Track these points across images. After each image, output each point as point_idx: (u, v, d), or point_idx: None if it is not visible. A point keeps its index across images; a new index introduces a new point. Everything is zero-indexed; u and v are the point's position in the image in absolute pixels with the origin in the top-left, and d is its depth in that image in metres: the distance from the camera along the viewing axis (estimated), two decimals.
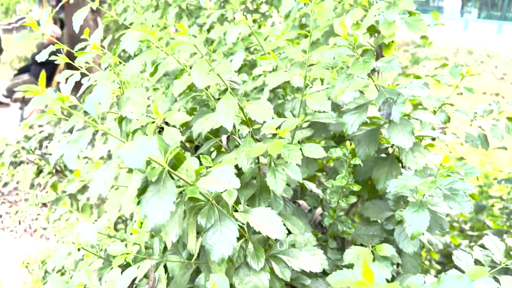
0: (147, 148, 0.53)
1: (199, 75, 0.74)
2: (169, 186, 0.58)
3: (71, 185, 2.10)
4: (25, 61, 11.33)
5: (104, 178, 0.57)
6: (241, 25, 1.11)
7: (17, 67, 10.61)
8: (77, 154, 0.51)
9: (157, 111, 0.72)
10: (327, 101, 0.91)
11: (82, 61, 0.96)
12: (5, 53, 11.06)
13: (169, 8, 3.02)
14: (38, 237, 4.42)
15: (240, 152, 0.87)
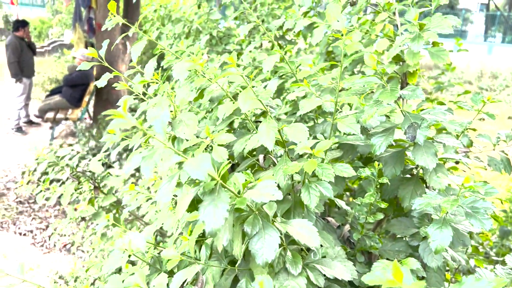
0: (208, 163, 0.63)
1: (245, 101, 0.84)
2: (223, 196, 0.68)
3: (107, 200, 2.22)
4: (56, 82, 11.79)
5: (169, 189, 0.66)
6: (276, 55, 1.22)
7: (49, 88, 11.04)
8: (152, 167, 0.62)
9: (209, 132, 0.82)
10: (356, 125, 1.00)
11: (139, 87, 1.08)
12: (38, 74, 11.54)
13: (200, 35, 3.19)
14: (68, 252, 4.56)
15: (277, 170, 0.96)
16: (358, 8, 1.57)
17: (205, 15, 3.21)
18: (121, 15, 7.96)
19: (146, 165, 0.62)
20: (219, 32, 3.35)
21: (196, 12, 3.58)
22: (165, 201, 0.65)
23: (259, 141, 0.88)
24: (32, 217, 5.30)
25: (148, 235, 1.11)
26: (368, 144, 1.13)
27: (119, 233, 1.34)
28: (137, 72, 1.32)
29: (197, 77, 1.13)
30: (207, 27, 3.49)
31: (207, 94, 1.04)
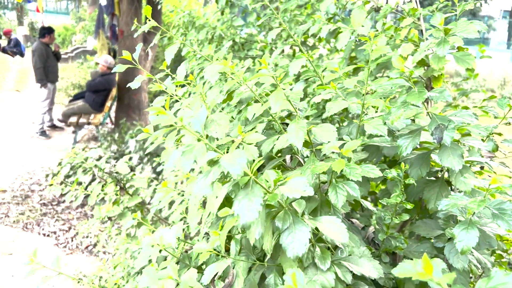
0: (244, 158, 0.67)
1: (276, 101, 0.87)
2: (256, 190, 0.71)
3: (133, 201, 2.27)
4: (79, 88, 12.06)
5: (206, 183, 0.70)
6: (303, 59, 1.25)
7: (72, 93, 11.30)
8: (191, 162, 0.65)
9: (241, 131, 0.85)
10: (383, 126, 1.02)
11: (173, 88, 1.13)
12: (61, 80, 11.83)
13: (223, 41, 3.24)
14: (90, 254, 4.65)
15: (305, 169, 0.98)
16: (383, 14, 1.59)
17: (228, 21, 3.27)
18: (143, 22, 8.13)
19: (185, 160, 0.65)
20: (241, 38, 3.40)
21: (218, 19, 3.64)
22: (202, 194, 0.68)
23: (288, 141, 0.91)
24: (56, 219, 5.42)
25: (178, 231, 1.14)
26: (394, 146, 1.15)
27: (147, 232, 1.39)
28: (167, 75, 1.36)
29: (226, 80, 1.17)
30: (230, 33, 3.55)
31: (237, 96, 1.08)
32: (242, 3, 3.28)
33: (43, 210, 5.59)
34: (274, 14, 1.49)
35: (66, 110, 8.07)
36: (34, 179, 6.46)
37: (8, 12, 23.08)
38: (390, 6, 1.57)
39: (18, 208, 5.50)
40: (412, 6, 1.60)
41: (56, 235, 5.09)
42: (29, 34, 20.00)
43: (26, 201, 5.75)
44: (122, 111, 8.11)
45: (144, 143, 6.44)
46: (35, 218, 5.34)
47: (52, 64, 8.22)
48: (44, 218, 5.39)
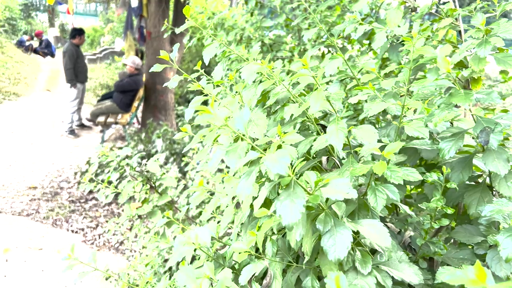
0: (287, 158, 0.66)
1: (316, 102, 0.86)
2: (299, 191, 0.70)
3: (163, 200, 2.29)
4: (106, 88, 12.30)
5: (249, 183, 0.69)
6: (339, 59, 1.24)
7: (100, 93, 11.55)
8: (237, 160, 0.65)
9: (281, 132, 0.84)
10: (425, 128, 0.99)
11: (211, 88, 1.13)
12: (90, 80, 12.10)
13: (252, 42, 3.25)
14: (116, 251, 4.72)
15: (343, 171, 0.97)
16: (420, 14, 1.56)
17: (257, 22, 3.27)
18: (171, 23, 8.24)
19: (231, 158, 0.65)
20: (269, 39, 3.39)
21: (247, 20, 3.65)
22: (246, 194, 0.68)
23: (328, 142, 0.89)
24: (84, 216, 5.54)
25: (212, 230, 1.14)
26: (433, 149, 1.12)
27: (178, 230, 1.39)
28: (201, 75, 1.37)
29: (261, 80, 1.16)
30: (258, 34, 3.55)
31: (273, 96, 1.07)
32: (271, 4, 3.28)
33: (71, 207, 5.72)
34: (305, 15, 1.48)
35: (94, 110, 8.25)
36: (63, 176, 6.62)
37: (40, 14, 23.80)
38: (427, 6, 1.54)
39: (48, 205, 5.65)
40: (450, 7, 1.56)
41: (84, 232, 5.20)
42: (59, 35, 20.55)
43: (55, 198, 5.90)
44: (149, 111, 8.23)
45: (170, 143, 6.52)
46: (64, 214, 5.47)
47: (81, 65, 8.41)
48: (72, 215, 5.52)
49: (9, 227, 4.86)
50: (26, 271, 4.04)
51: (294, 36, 3.72)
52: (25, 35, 17.65)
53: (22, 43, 16.53)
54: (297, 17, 3.40)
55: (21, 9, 20.40)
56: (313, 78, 0.88)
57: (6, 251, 4.36)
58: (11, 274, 3.96)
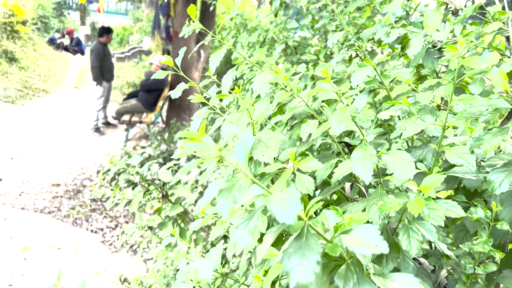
0: (297, 202, 0.51)
1: (339, 122, 0.71)
2: (313, 243, 0.55)
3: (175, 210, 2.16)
4: (133, 87, 12.39)
5: (248, 231, 0.54)
6: (368, 67, 1.07)
7: (126, 92, 11.64)
8: (231, 205, 0.50)
9: (294, 158, 0.69)
10: (471, 156, 0.82)
11: (216, 101, 0.99)
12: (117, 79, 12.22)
13: (275, 44, 3.10)
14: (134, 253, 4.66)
15: (371, 205, 0.81)
16: (462, 17, 1.38)
17: (282, 24, 3.11)
18: None
19: (223, 201, 0.51)
20: (294, 41, 3.23)
21: (271, 21, 3.50)
22: (244, 245, 0.53)
23: (353, 170, 0.74)
24: (104, 216, 5.52)
25: (215, 261, 1.00)
26: (478, 179, 0.95)
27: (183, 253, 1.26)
28: (213, 82, 1.23)
29: (278, 91, 1.01)
30: (282, 36, 3.40)
31: (289, 111, 0.92)
32: (297, 4, 3.11)
33: (92, 206, 5.71)
34: (332, 16, 1.31)
35: (119, 108, 8.28)
36: (86, 174, 6.64)
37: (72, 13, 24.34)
38: (471, 8, 1.35)
39: (69, 203, 5.66)
40: (498, 9, 1.37)
41: (103, 232, 5.17)
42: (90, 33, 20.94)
43: (77, 196, 5.91)
44: (173, 111, 8.19)
45: None
46: (84, 213, 5.46)
47: (108, 63, 8.45)
48: (93, 214, 5.50)
49: (30, 225, 4.87)
50: (43, 270, 4.02)
51: (320, 38, 3.54)
52: (57, 33, 18.04)
53: (54, 40, 16.90)
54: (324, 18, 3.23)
55: (54, 7, 20.89)
56: (337, 94, 0.72)
57: (26, 249, 4.36)
58: (28, 273, 3.95)
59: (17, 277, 3.83)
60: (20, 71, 11.97)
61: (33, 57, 13.39)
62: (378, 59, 1.13)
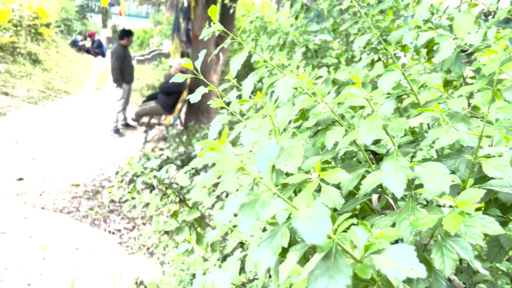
0: (327, 220, 0.46)
1: (370, 132, 0.66)
2: (342, 264, 0.50)
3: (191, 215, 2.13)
4: (153, 89, 12.49)
5: (272, 250, 0.50)
6: (397, 72, 1.02)
7: (146, 94, 11.74)
8: (254, 222, 0.46)
9: (320, 169, 0.65)
10: (510, 168, 0.76)
11: (237, 106, 0.95)
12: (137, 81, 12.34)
13: (296, 47, 3.05)
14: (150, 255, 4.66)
15: (401, 220, 0.75)
16: (495, 20, 1.31)
17: (302, 26, 3.06)
18: None
19: (245, 217, 0.46)
20: (314, 44, 3.18)
21: (291, 24, 3.46)
22: (266, 266, 0.49)
23: (384, 183, 0.69)
24: (121, 217, 5.54)
25: (233, 272, 0.96)
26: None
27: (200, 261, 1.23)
28: (233, 86, 1.19)
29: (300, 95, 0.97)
30: (302, 39, 3.35)
31: (313, 117, 0.87)
32: (318, 7, 3.06)
33: (110, 207, 5.74)
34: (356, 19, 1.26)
35: (139, 110, 8.34)
36: (105, 175, 6.69)
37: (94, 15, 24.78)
38: (506, 10, 1.28)
39: (88, 203, 5.70)
40: None
41: (121, 233, 5.19)
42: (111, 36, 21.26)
43: (96, 197, 5.95)
44: (192, 113, 8.22)
45: None
46: (102, 214, 5.49)
47: (128, 66, 8.53)
48: (111, 215, 5.53)
49: (49, 224, 4.92)
50: (61, 271, 4.04)
51: (341, 42, 3.48)
52: (79, 35, 18.36)
53: (76, 43, 17.20)
54: (345, 21, 3.16)
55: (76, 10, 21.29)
56: (367, 100, 0.67)
57: (45, 249, 4.40)
58: (46, 273, 3.98)
59: (36, 276, 3.86)
60: (43, 72, 12.20)
61: (56, 59, 13.64)
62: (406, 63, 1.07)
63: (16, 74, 11.06)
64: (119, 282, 3.77)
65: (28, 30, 13.03)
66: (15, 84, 10.49)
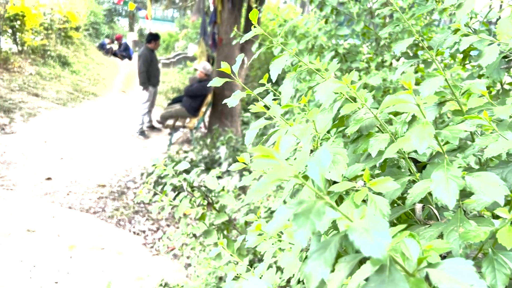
0: (386, 234, 0.44)
1: (421, 140, 0.63)
2: (397, 278, 0.48)
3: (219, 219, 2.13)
4: (178, 92, 12.63)
5: (325, 262, 0.48)
6: (440, 78, 0.98)
7: (171, 97, 11.88)
8: (310, 232, 0.44)
9: (368, 177, 0.63)
10: None
11: (278, 111, 0.93)
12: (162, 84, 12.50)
13: (324, 51, 3.02)
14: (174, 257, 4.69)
15: (449, 231, 0.72)
16: None
17: (332, 30, 3.04)
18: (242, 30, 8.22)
19: (300, 227, 0.45)
20: (344, 49, 3.14)
21: (320, 28, 3.43)
22: (319, 278, 0.47)
23: (434, 193, 0.66)
24: (146, 218, 5.60)
25: (269, 281, 0.94)
26: None
27: (232, 266, 1.22)
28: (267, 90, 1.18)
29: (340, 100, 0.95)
30: (331, 43, 3.32)
31: (354, 123, 0.85)
32: (348, 11, 3.03)
33: (135, 208, 5.80)
34: (397, 23, 1.23)
35: (164, 113, 8.44)
36: (130, 176, 6.78)
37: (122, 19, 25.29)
38: None
39: (113, 204, 5.78)
40: None
41: (145, 234, 5.24)
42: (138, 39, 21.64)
43: (121, 198, 6.03)
44: (216, 117, 8.26)
45: (234, 151, 6.44)
46: (127, 215, 5.56)
47: (155, 69, 8.64)
48: (136, 216, 5.59)
49: (76, 224, 5.02)
50: (87, 270, 4.11)
51: (370, 46, 3.43)
52: (107, 39, 18.76)
53: (103, 46, 17.58)
54: (376, 25, 3.12)
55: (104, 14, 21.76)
56: (419, 107, 0.65)
57: (72, 248, 4.48)
58: (73, 272, 4.05)
59: (63, 274, 3.93)
60: (72, 74, 12.50)
61: (84, 62, 13.96)
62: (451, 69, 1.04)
63: (46, 76, 11.37)
64: (145, 284, 3.80)
65: (58, 33, 13.39)
66: (45, 86, 10.78)
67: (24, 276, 3.75)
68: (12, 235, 4.36)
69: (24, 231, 4.51)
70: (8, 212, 4.83)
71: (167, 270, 4.27)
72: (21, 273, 3.77)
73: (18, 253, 4.06)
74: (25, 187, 5.80)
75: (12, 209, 4.97)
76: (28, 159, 6.74)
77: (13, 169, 6.29)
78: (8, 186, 5.75)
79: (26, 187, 5.80)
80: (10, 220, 4.65)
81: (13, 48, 11.27)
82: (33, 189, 5.77)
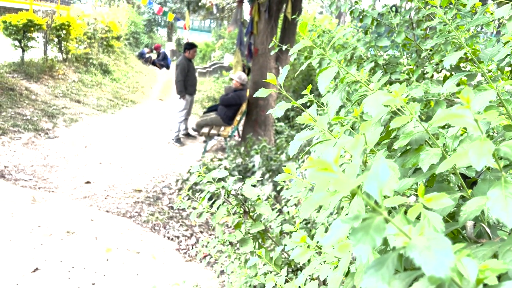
0: (449, 252, 0.43)
1: (480, 156, 0.62)
2: None
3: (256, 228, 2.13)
4: (213, 101, 12.80)
5: (382, 277, 0.48)
6: (491, 91, 0.96)
7: (207, 106, 12.06)
8: (370, 248, 0.44)
9: (423, 192, 0.62)
10: None
11: (325, 122, 0.93)
12: (198, 92, 12.71)
13: (364, 62, 2.99)
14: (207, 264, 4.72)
15: (505, 251, 0.70)
16: None
17: (372, 41, 3.00)
18: (278, 41, 8.27)
19: (359, 242, 0.44)
20: (383, 60, 3.10)
21: (359, 39, 3.40)
22: None
23: (491, 212, 0.64)
24: (180, 224, 5.67)
25: None
26: None
27: (272, 276, 1.21)
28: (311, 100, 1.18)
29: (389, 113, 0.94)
30: (370, 54, 3.28)
31: (404, 137, 0.84)
32: (389, 22, 2.99)
33: (170, 214, 5.89)
34: (447, 35, 1.21)
35: (199, 121, 8.58)
36: (166, 182, 6.90)
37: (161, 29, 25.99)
38: None
39: (149, 209, 5.90)
40: None
41: (179, 240, 5.30)
42: (175, 49, 22.15)
43: (156, 203, 6.14)
44: (250, 125, 8.31)
45: (267, 160, 6.45)
46: (162, 220, 5.65)
47: (191, 78, 8.81)
48: (170, 222, 5.68)
49: (113, 227, 5.14)
50: (122, 273, 4.20)
51: (410, 57, 3.37)
52: (146, 48, 19.31)
53: (143, 55, 18.09)
54: (417, 36, 3.07)
55: (144, 24, 22.44)
56: (476, 122, 0.63)
57: (108, 250, 4.59)
58: (109, 274, 4.14)
59: (100, 277, 4.03)
60: (112, 82, 12.92)
61: (124, 70, 14.41)
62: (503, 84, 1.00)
63: (88, 83, 11.81)
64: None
65: (100, 42, 13.90)
66: (87, 93, 11.19)
67: (63, 276, 3.87)
68: (53, 236, 4.52)
69: (64, 232, 4.66)
70: (49, 214, 5.02)
71: (200, 277, 4.31)
72: (61, 273, 3.89)
73: (58, 253, 4.20)
74: (66, 190, 6.01)
75: (54, 210, 5.16)
76: (69, 163, 7.00)
77: (55, 172, 6.54)
78: (50, 189, 5.98)
79: (67, 190, 6.01)
80: (52, 221, 4.82)
81: (58, 56, 11.78)
82: (73, 192, 5.97)
